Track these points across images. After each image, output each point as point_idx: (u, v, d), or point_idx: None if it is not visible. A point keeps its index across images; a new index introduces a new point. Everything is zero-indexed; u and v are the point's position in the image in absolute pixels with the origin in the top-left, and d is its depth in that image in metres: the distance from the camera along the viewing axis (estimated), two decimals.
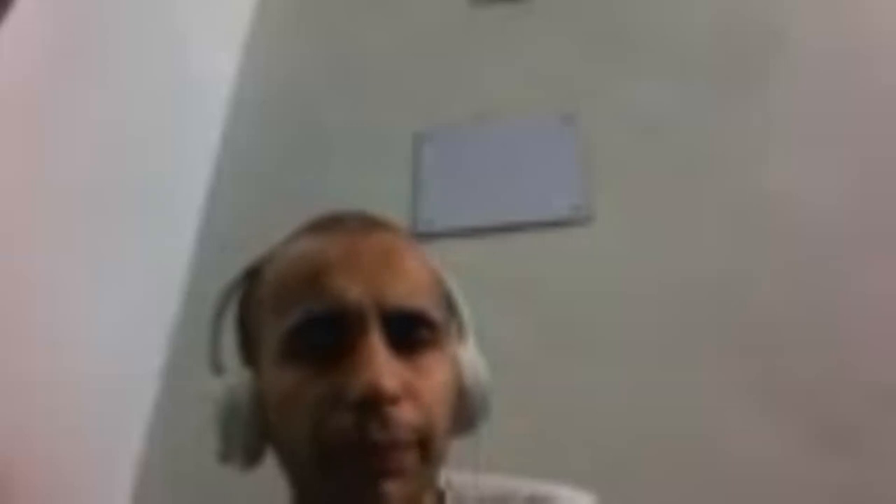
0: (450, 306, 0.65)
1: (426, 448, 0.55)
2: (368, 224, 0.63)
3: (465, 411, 0.62)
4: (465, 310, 0.66)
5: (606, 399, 1.23)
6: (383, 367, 0.53)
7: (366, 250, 0.58)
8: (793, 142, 1.42)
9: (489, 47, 1.71)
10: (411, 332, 0.57)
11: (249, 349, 0.64)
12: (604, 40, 1.65)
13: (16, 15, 1.10)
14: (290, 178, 1.63)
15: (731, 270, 1.31)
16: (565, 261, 1.39)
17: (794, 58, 1.51)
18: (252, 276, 0.66)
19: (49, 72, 1.19)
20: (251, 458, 0.61)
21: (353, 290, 0.56)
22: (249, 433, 0.59)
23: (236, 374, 0.63)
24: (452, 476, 0.68)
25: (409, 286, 0.58)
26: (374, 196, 1.57)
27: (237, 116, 1.76)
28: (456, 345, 0.64)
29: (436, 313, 0.59)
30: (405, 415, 0.53)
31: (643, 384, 1.23)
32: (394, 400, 0.53)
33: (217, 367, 0.65)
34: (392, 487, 0.53)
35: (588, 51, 1.64)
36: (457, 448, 0.62)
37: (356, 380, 0.52)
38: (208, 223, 1.61)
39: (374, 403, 0.52)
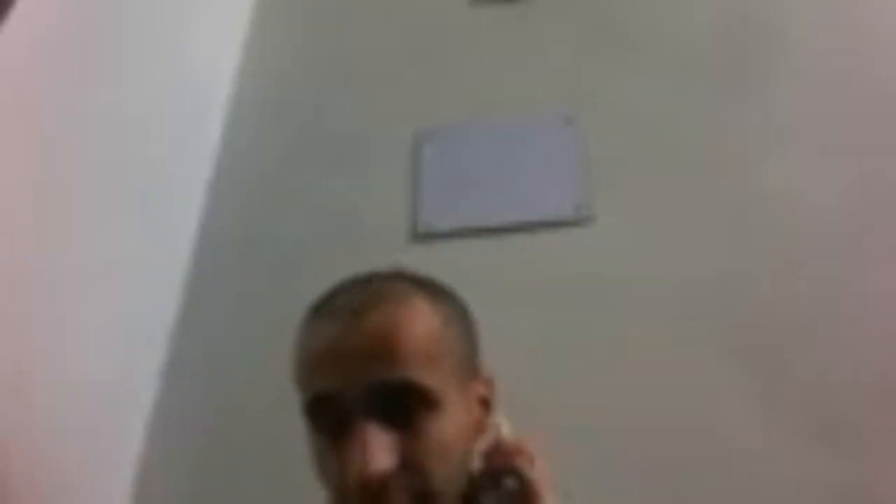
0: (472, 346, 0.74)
1: (428, 501, 0.63)
2: (363, 304, 0.67)
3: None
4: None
5: (606, 398, 1.23)
6: (369, 453, 0.60)
7: (354, 337, 0.65)
8: (793, 142, 1.42)
9: (489, 47, 1.71)
10: (402, 402, 0.63)
11: None
12: (604, 40, 1.65)
13: (16, 14, 1.10)
14: (290, 178, 1.63)
15: (732, 270, 1.31)
16: (566, 261, 1.38)
17: (795, 58, 1.51)
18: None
19: (49, 71, 1.19)
20: None
21: (337, 381, 0.64)
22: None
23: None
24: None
25: (395, 360, 0.64)
26: (373, 196, 1.58)
27: (237, 116, 1.76)
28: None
29: (426, 377, 0.64)
30: (400, 483, 0.61)
31: (643, 383, 1.23)
32: (383, 479, 0.60)
33: None
34: None
35: (588, 50, 1.64)
36: None
37: (349, 470, 0.61)
38: (208, 223, 1.61)
39: (368, 488, 0.60)
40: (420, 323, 0.67)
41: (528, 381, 1.23)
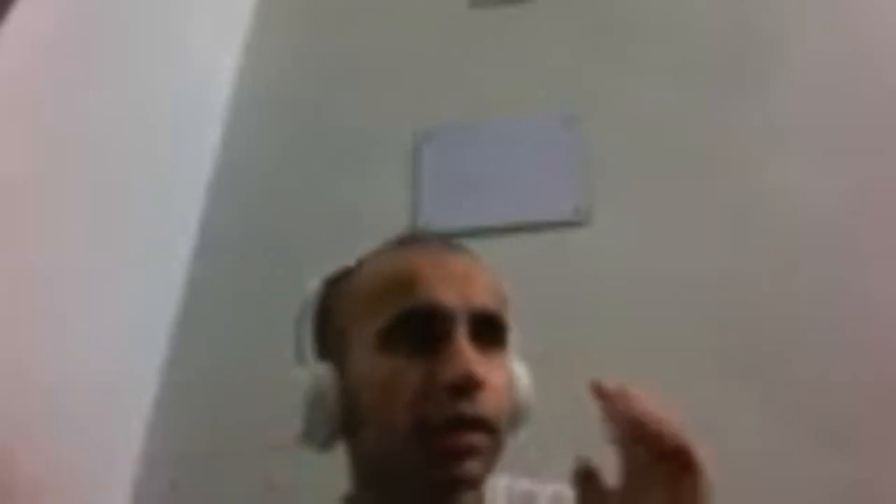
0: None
1: (495, 433, 0.65)
2: (447, 244, 0.73)
3: (515, 412, 0.70)
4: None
5: None
6: (473, 357, 0.63)
7: (451, 263, 0.69)
8: (794, 142, 1.42)
9: (489, 48, 1.71)
10: (489, 332, 0.67)
11: (333, 344, 0.71)
12: (604, 41, 1.65)
13: (16, 14, 1.10)
14: (290, 178, 1.63)
15: (732, 270, 1.31)
16: (566, 261, 1.39)
17: (796, 58, 1.51)
18: (334, 284, 0.74)
19: (49, 72, 1.19)
20: (332, 437, 0.69)
21: (445, 293, 0.66)
22: (335, 416, 0.67)
23: (312, 366, 0.70)
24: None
25: (489, 294, 0.69)
26: (373, 196, 1.58)
27: (237, 116, 1.76)
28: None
29: (507, 318, 0.70)
30: (487, 397, 0.63)
31: (643, 383, 1.23)
32: (481, 385, 0.63)
33: (302, 358, 0.73)
34: (473, 465, 0.63)
35: (588, 51, 1.64)
36: None
37: (451, 367, 0.62)
38: (208, 223, 1.61)
39: (465, 387, 0.62)
40: (496, 278, 0.73)
41: None
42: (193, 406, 1.37)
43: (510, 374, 0.70)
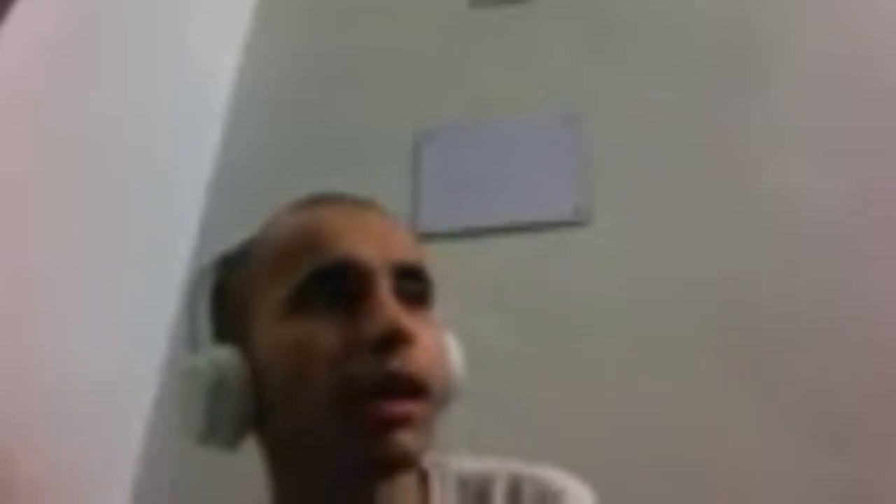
0: None
1: (430, 399, 0.57)
2: (361, 200, 0.66)
3: (447, 384, 0.63)
4: None
5: (606, 399, 1.23)
6: (399, 311, 0.56)
7: (366, 217, 0.63)
8: (794, 142, 1.42)
9: (489, 48, 1.71)
10: (413, 288, 0.60)
11: (233, 324, 0.63)
12: (604, 41, 1.65)
13: (16, 14, 1.10)
14: (290, 178, 1.63)
15: (732, 271, 1.31)
16: (565, 262, 1.39)
17: (796, 58, 1.51)
18: (228, 260, 0.66)
19: (49, 72, 1.19)
20: (241, 430, 0.61)
21: (362, 247, 0.59)
22: (243, 403, 0.59)
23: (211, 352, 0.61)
24: (437, 457, 0.68)
25: (409, 248, 0.63)
26: (373, 196, 1.57)
27: (237, 116, 1.76)
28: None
29: (430, 274, 0.63)
30: (419, 355, 0.56)
31: (643, 384, 1.23)
32: (410, 339, 0.55)
33: (196, 345, 0.64)
34: (408, 438, 0.55)
35: (589, 51, 1.64)
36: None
37: (375, 321, 0.55)
38: (208, 223, 1.61)
39: (393, 342, 0.55)
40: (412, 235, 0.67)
41: (528, 380, 1.23)
42: None
43: (441, 336, 0.62)
